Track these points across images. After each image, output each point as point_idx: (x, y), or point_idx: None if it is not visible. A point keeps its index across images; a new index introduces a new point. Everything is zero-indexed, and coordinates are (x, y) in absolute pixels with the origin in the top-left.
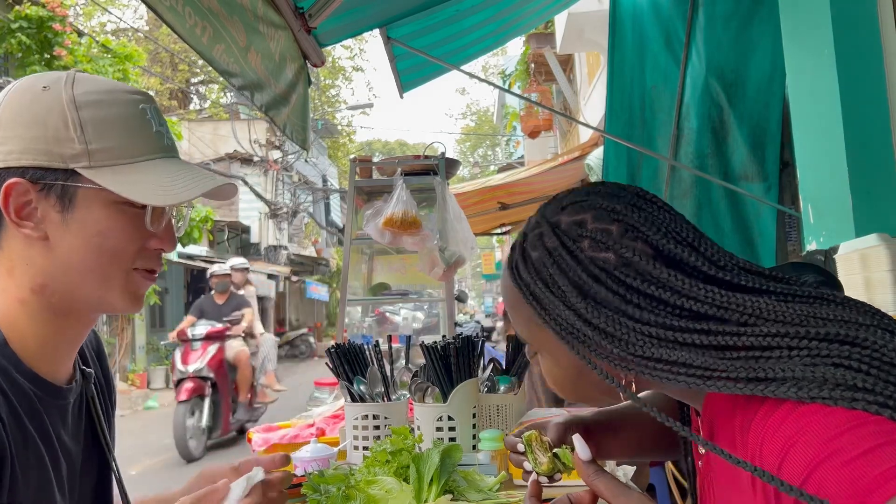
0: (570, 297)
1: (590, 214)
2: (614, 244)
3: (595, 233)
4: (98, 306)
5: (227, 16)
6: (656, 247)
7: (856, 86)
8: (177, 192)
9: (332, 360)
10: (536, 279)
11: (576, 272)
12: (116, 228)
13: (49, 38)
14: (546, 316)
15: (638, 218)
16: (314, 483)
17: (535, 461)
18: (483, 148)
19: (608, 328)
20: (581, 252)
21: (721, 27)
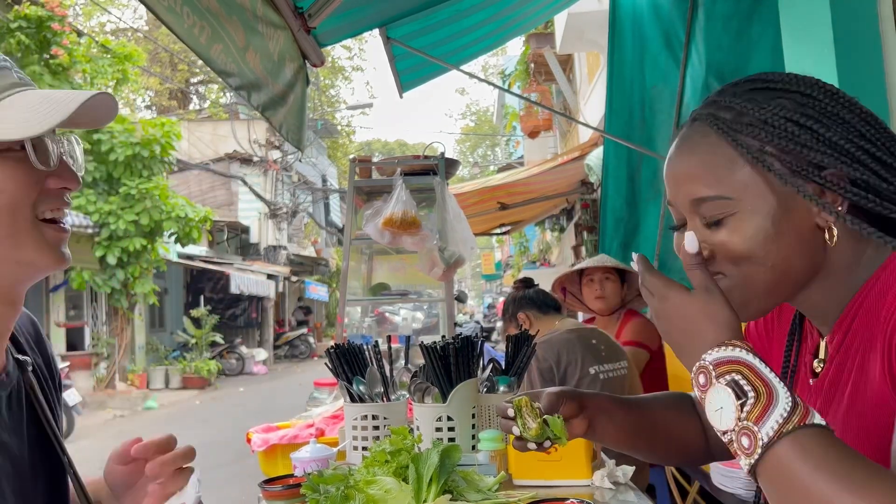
0: (809, 124)
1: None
2: (852, 100)
3: (830, 88)
4: (19, 272)
5: (225, 16)
6: None
7: (856, 86)
8: (46, 118)
9: (331, 361)
10: (771, 118)
11: (815, 106)
12: (4, 178)
13: (48, 37)
14: (776, 149)
15: None
16: (313, 483)
17: (523, 426)
18: (483, 148)
19: (848, 145)
20: (820, 93)
21: (721, 27)
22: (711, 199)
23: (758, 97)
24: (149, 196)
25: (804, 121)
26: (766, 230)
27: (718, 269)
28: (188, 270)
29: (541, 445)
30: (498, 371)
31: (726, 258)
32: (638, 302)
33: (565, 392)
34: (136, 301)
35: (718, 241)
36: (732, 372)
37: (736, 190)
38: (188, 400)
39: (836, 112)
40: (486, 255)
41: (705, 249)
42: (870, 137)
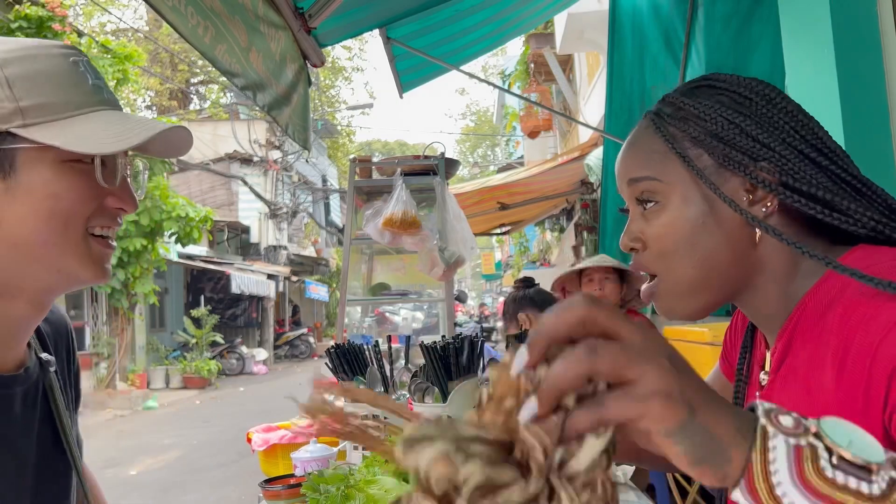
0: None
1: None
2: (791, 104)
3: (769, 92)
4: (59, 281)
5: (228, 16)
6: None
7: (855, 86)
8: (122, 139)
9: (331, 360)
10: (705, 110)
11: (750, 106)
12: (67, 188)
13: (49, 38)
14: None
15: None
16: (314, 483)
17: None
18: (483, 148)
19: (778, 146)
20: (757, 96)
21: (721, 27)
22: (644, 179)
23: (699, 94)
24: (149, 196)
25: (736, 117)
26: (693, 222)
27: (648, 264)
28: (188, 270)
29: None
30: None
31: (655, 251)
32: (638, 302)
33: None
34: (137, 301)
35: (649, 231)
36: None
37: (665, 173)
38: (188, 400)
39: (771, 115)
40: (486, 255)
41: (637, 241)
42: (804, 138)
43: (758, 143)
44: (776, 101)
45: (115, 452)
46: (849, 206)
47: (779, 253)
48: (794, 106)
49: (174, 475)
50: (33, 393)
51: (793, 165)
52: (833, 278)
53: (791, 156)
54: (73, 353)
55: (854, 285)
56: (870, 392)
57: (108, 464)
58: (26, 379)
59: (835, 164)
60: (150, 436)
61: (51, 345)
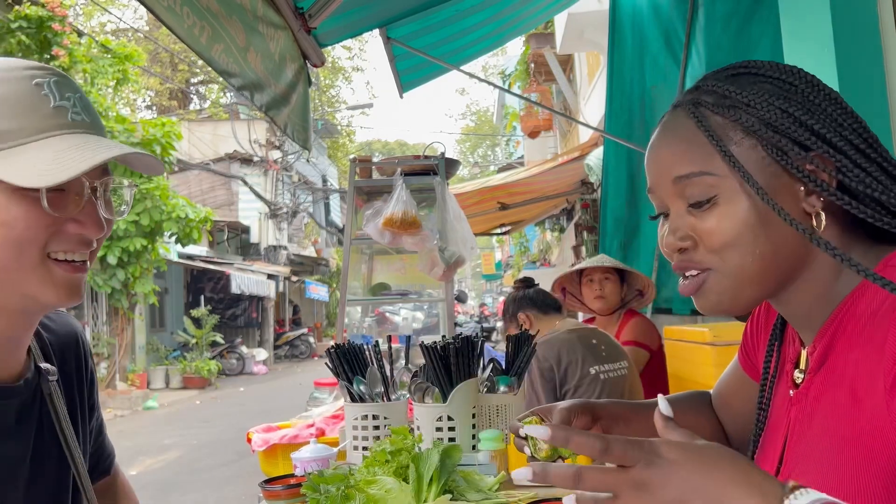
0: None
1: None
2: (833, 92)
3: (812, 78)
4: (26, 304)
5: (225, 16)
6: None
7: (856, 86)
8: (68, 168)
9: (331, 361)
10: (756, 98)
11: (797, 94)
12: (17, 217)
13: (48, 37)
14: (761, 128)
15: None
16: (314, 483)
17: (534, 447)
18: (483, 148)
19: (832, 136)
20: (801, 82)
21: (721, 27)
22: (695, 175)
23: (741, 81)
24: (149, 196)
25: (786, 105)
26: (754, 213)
27: (702, 260)
28: (188, 270)
29: None
30: (498, 371)
31: (711, 247)
32: (637, 302)
33: (576, 406)
34: (137, 301)
35: (703, 227)
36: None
37: (721, 167)
38: (188, 400)
39: (818, 102)
40: (486, 255)
41: (688, 239)
42: (851, 128)
43: (812, 133)
44: (821, 87)
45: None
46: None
47: None
48: (836, 93)
49: (174, 475)
50: (30, 403)
51: (848, 157)
52: (885, 276)
53: (845, 146)
54: (84, 361)
55: None
56: None
57: None
58: (23, 390)
59: (881, 155)
60: (150, 436)
61: (55, 354)
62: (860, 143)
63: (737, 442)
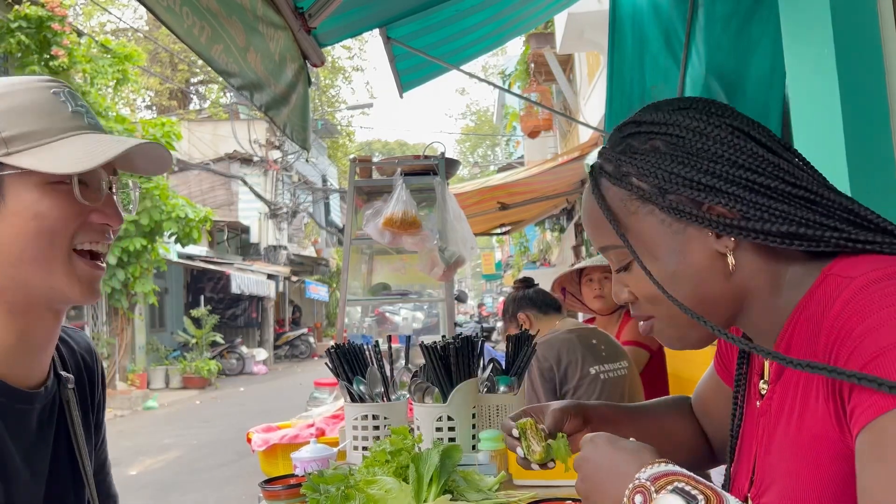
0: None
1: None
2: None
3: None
4: (51, 297)
5: (225, 16)
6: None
7: (856, 86)
8: (94, 157)
9: (331, 361)
10: (644, 165)
11: (684, 146)
12: (50, 207)
13: (48, 37)
14: (653, 194)
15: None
16: (314, 483)
17: (528, 449)
18: (483, 148)
19: (722, 184)
20: (686, 132)
21: (721, 27)
22: (611, 248)
23: (633, 143)
24: (149, 196)
25: (674, 166)
26: (666, 270)
27: (643, 310)
28: (188, 270)
29: (544, 465)
30: (498, 371)
31: (645, 300)
32: None
33: (569, 407)
34: (137, 301)
35: (632, 284)
36: (675, 481)
37: (628, 237)
38: (188, 400)
39: (707, 149)
40: (486, 255)
41: (627, 294)
42: (744, 165)
43: (702, 186)
44: (708, 132)
45: (115, 452)
46: (806, 231)
47: (757, 274)
48: (728, 129)
49: (174, 475)
50: (50, 408)
51: (742, 200)
52: (824, 287)
53: (738, 190)
54: (97, 380)
55: (846, 294)
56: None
57: None
58: (45, 395)
59: (783, 181)
60: (150, 436)
61: (71, 367)
62: (756, 178)
63: (718, 445)
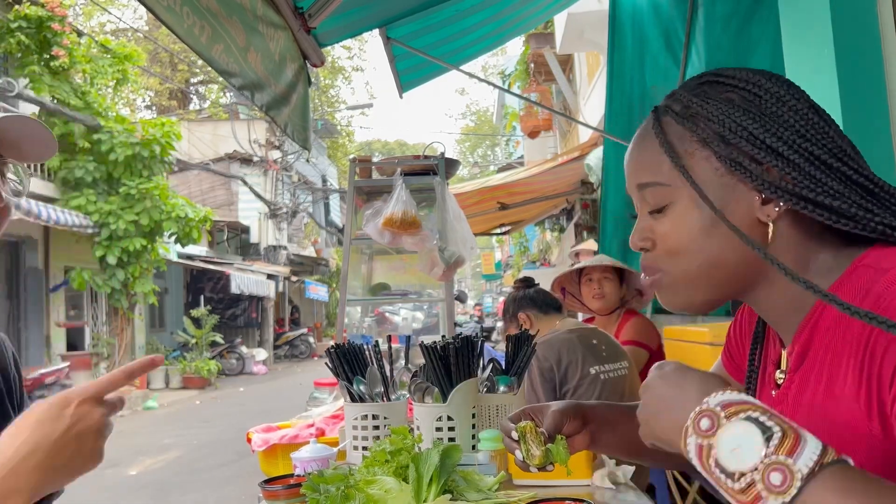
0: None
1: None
2: (801, 101)
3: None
4: None
5: (225, 16)
6: None
7: (855, 86)
8: None
9: (331, 361)
10: (715, 111)
11: (760, 105)
12: None
13: (48, 37)
14: (716, 141)
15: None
16: (314, 483)
17: (527, 452)
18: (483, 148)
19: (786, 150)
20: (766, 94)
21: (721, 27)
22: (650, 185)
23: (708, 90)
24: (149, 196)
25: (744, 119)
26: (702, 225)
27: (657, 262)
28: (188, 270)
29: (543, 469)
30: (498, 371)
31: (664, 250)
32: (637, 302)
33: (568, 409)
34: (136, 301)
35: (659, 231)
36: (748, 410)
37: (675, 178)
38: (188, 400)
39: (780, 114)
40: (486, 255)
41: (647, 241)
42: (813, 138)
43: (765, 147)
44: (786, 99)
45: (114, 452)
46: (857, 212)
47: (790, 252)
48: (805, 103)
49: (174, 475)
50: None
51: (800, 170)
52: (855, 277)
53: (799, 159)
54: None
55: (880, 286)
56: (881, 379)
57: (107, 464)
58: None
59: (846, 164)
60: (150, 436)
61: None
62: (820, 153)
63: None
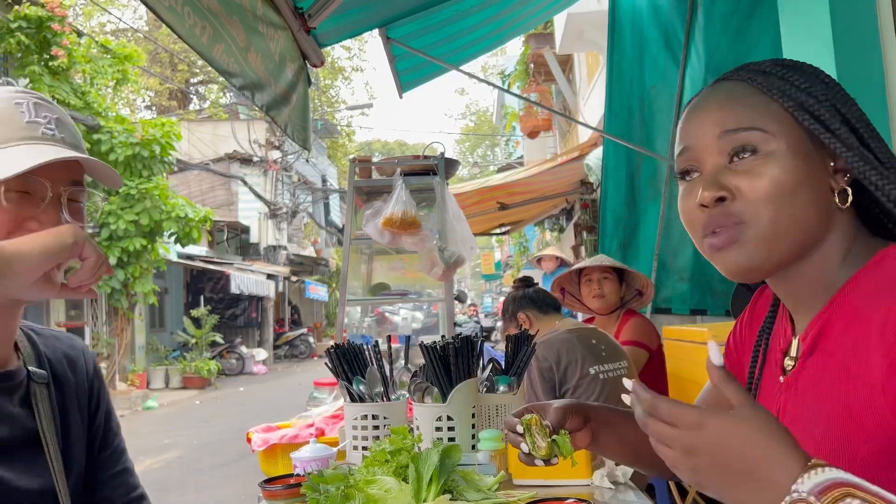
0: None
1: None
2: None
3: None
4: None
5: (226, 16)
6: None
7: (855, 86)
8: (19, 165)
9: (331, 361)
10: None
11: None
12: None
13: (48, 38)
14: (808, 100)
15: None
16: (313, 483)
17: (533, 444)
18: (482, 148)
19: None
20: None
21: (720, 27)
22: (745, 129)
23: (801, 69)
24: (149, 196)
25: (828, 91)
26: (798, 172)
27: (740, 211)
28: (188, 270)
29: (548, 462)
30: (498, 371)
31: (757, 197)
32: (637, 302)
33: (571, 406)
34: (136, 301)
35: (744, 181)
36: (846, 497)
37: (772, 126)
38: (188, 400)
39: (847, 100)
40: (485, 255)
41: (726, 191)
42: (874, 136)
43: (845, 121)
44: (852, 100)
45: None
46: None
47: (840, 231)
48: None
49: (174, 475)
50: (8, 395)
51: (867, 147)
52: (882, 268)
53: (869, 139)
54: (85, 383)
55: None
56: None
57: None
58: (16, 378)
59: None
60: (150, 436)
61: (51, 365)
62: (875, 145)
63: None
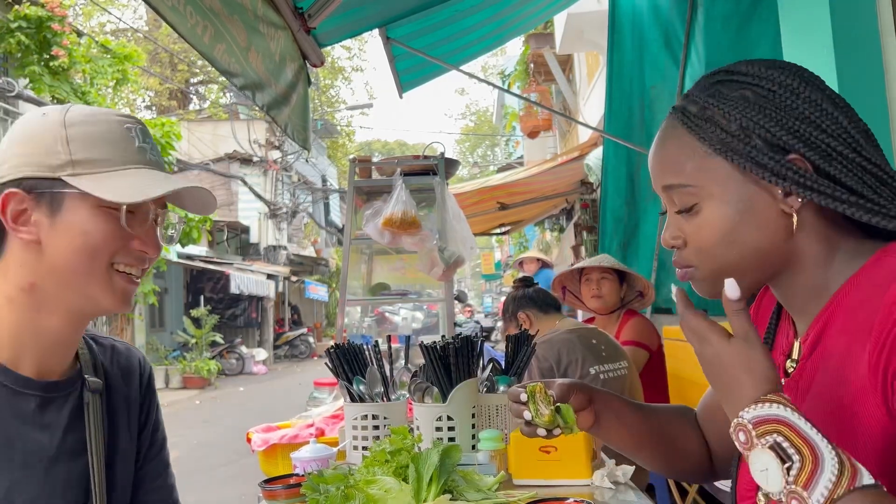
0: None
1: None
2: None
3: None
4: (86, 305)
5: (227, 15)
6: None
7: (855, 86)
8: (144, 192)
9: (331, 361)
10: (730, 111)
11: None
12: (97, 228)
13: (48, 38)
14: (734, 140)
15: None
16: (313, 483)
17: (536, 412)
18: (482, 148)
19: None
20: (780, 88)
21: (720, 27)
22: (677, 186)
23: (722, 90)
24: None
25: (759, 115)
26: (731, 220)
27: (687, 258)
28: (188, 270)
29: (550, 432)
30: (498, 371)
31: (694, 248)
32: (638, 302)
33: (576, 384)
34: (136, 301)
35: (689, 229)
36: (773, 433)
37: (699, 179)
38: (188, 400)
39: (795, 107)
40: (485, 255)
41: (678, 239)
42: (829, 130)
43: (782, 142)
44: (800, 91)
45: None
46: (871, 205)
47: (815, 242)
48: (820, 93)
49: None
50: (62, 402)
51: (815, 164)
52: (878, 267)
53: (813, 154)
54: (142, 393)
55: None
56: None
57: None
58: (65, 387)
59: (859, 154)
60: None
61: (107, 374)
62: (836, 146)
63: (720, 457)
